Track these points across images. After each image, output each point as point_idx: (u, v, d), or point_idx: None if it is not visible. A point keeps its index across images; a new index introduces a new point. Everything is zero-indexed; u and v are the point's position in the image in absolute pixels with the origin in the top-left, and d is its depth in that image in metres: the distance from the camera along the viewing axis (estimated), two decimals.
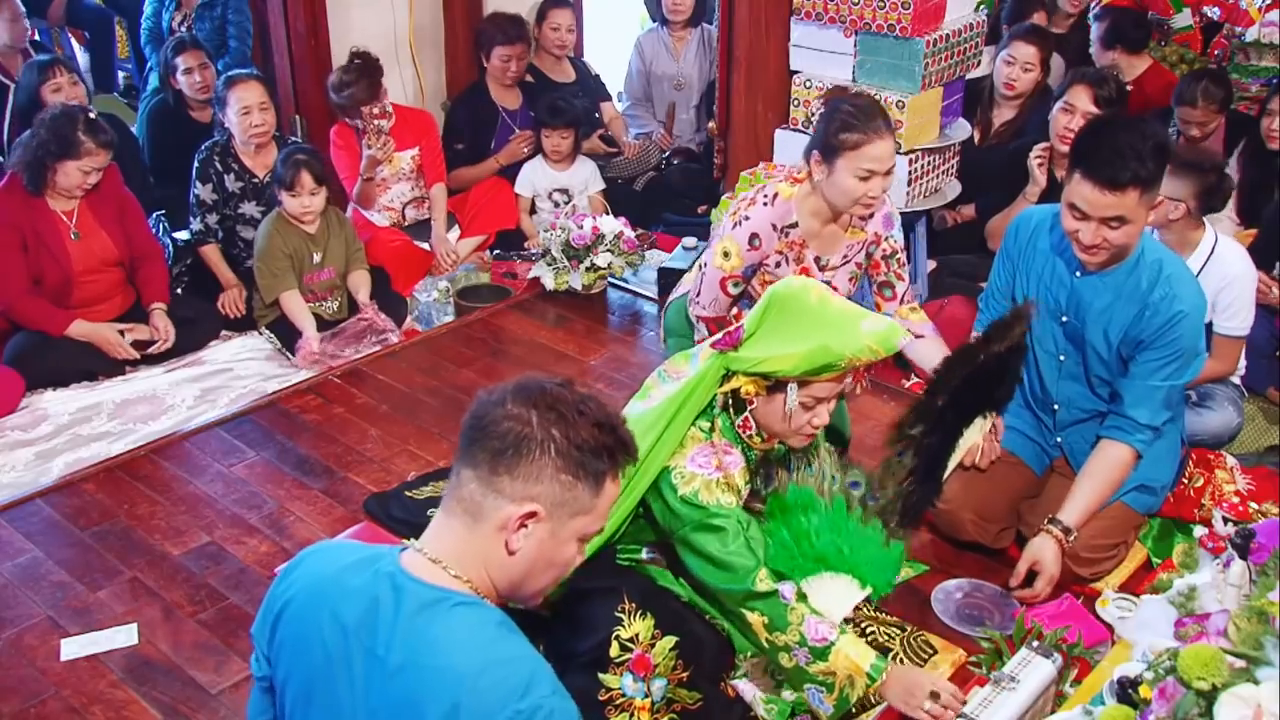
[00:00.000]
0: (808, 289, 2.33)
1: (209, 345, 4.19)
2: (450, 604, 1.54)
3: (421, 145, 4.81)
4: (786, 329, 2.30)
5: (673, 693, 2.35)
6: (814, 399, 2.34)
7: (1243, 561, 2.10)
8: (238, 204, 4.34)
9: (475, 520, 1.57)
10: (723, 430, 2.41)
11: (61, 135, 3.73)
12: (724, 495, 2.34)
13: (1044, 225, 2.90)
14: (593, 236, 4.44)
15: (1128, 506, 2.89)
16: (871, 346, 2.25)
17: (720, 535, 2.31)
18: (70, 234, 3.89)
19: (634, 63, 5.74)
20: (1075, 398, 2.92)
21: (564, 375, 3.92)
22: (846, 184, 2.90)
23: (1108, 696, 2.03)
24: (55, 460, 3.54)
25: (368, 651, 1.55)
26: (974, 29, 4.22)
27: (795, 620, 2.29)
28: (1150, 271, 2.71)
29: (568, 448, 1.55)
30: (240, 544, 3.14)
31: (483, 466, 1.56)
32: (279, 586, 1.67)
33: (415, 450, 3.55)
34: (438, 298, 4.52)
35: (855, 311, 2.33)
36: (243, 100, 4.21)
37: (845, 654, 2.29)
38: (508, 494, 1.55)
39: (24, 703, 2.61)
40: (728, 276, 3.06)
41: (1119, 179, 2.52)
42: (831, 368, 2.27)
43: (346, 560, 1.63)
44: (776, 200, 3.04)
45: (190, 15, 5.21)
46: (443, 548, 1.59)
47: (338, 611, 1.58)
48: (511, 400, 1.57)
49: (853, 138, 2.86)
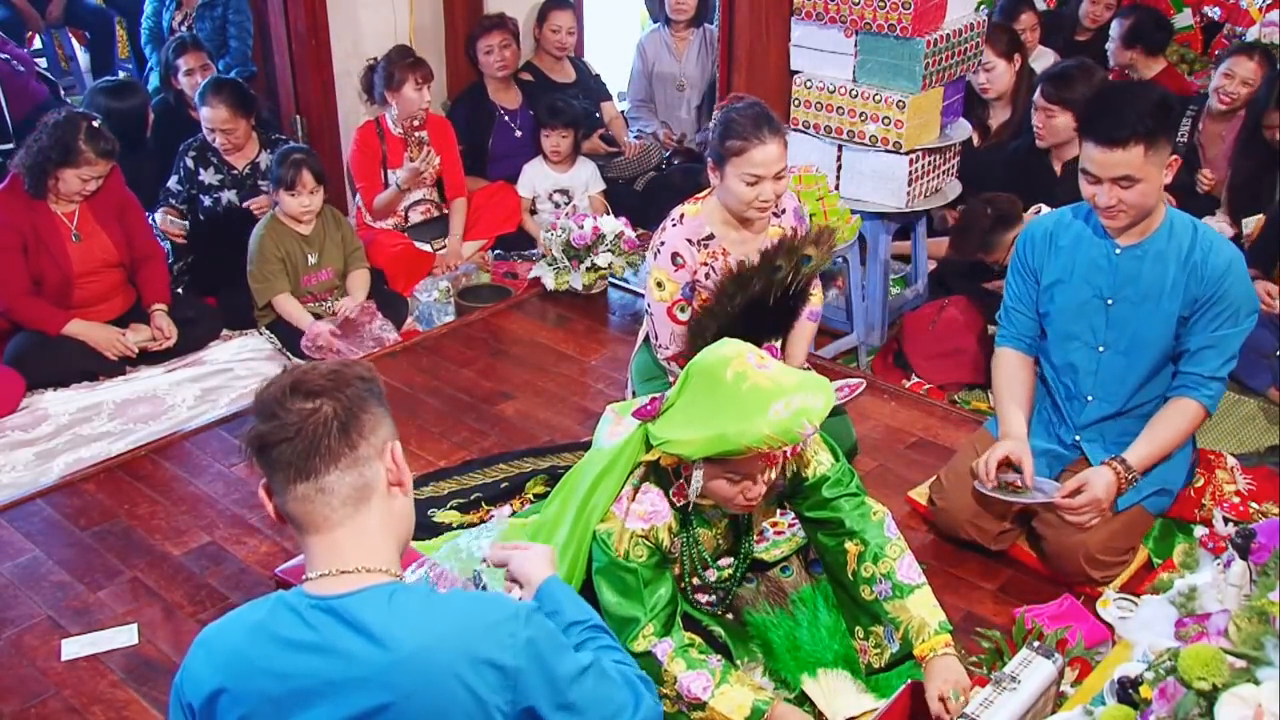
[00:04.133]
0: (725, 363, 2.19)
1: (209, 345, 4.19)
2: (383, 598, 1.54)
3: (443, 155, 4.84)
4: (696, 407, 2.20)
5: None
6: (739, 475, 2.23)
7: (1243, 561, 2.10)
8: (217, 193, 4.43)
9: (364, 500, 1.57)
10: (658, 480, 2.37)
11: (62, 143, 3.74)
12: (635, 548, 2.29)
13: (1061, 224, 2.91)
14: (593, 237, 4.44)
15: (1145, 510, 2.89)
16: (771, 436, 2.11)
17: (614, 585, 2.28)
18: (71, 235, 3.89)
19: (636, 64, 5.74)
20: (1112, 391, 2.89)
21: (564, 375, 3.97)
22: (736, 189, 2.99)
23: (1108, 696, 2.02)
24: (55, 460, 3.54)
25: (332, 685, 1.51)
26: (974, 29, 4.22)
27: (669, 680, 2.24)
28: (1186, 231, 2.76)
29: (374, 387, 1.63)
30: (241, 544, 3.14)
31: (335, 460, 1.54)
32: (189, 692, 1.62)
33: (415, 450, 3.55)
34: (438, 298, 4.52)
35: (770, 391, 2.14)
36: (208, 120, 4.35)
37: (725, 699, 2.22)
38: (375, 451, 1.58)
39: (24, 703, 2.61)
40: (671, 304, 3.11)
41: (1119, 135, 2.58)
42: (735, 453, 2.16)
43: (252, 620, 1.58)
44: (684, 219, 3.13)
45: (190, 15, 5.21)
46: (344, 554, 1.57)
47: (278, 669, 1.53)
48: (289, 408, 1.54)
49: (737, 144, 2.94)
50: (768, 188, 2.97)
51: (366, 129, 4.80)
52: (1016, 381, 3.00)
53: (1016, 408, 2.97)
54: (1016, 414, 2.95)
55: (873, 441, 3.54)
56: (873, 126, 4.10)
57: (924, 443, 3.60)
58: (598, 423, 2.63)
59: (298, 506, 1.56)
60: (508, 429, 3.67)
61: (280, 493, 1.56)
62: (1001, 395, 3.01)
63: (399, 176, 4.71)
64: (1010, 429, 2.94)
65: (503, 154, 5.20)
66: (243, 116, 4.35)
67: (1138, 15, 5.12)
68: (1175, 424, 2.80)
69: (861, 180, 4.21)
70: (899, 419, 3.72)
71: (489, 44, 5.08)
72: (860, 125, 4.13)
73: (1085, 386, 2.92)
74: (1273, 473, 3.20)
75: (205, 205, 4.43)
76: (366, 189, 4.80)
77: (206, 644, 1.63)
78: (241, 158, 4.45)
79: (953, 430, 3.64)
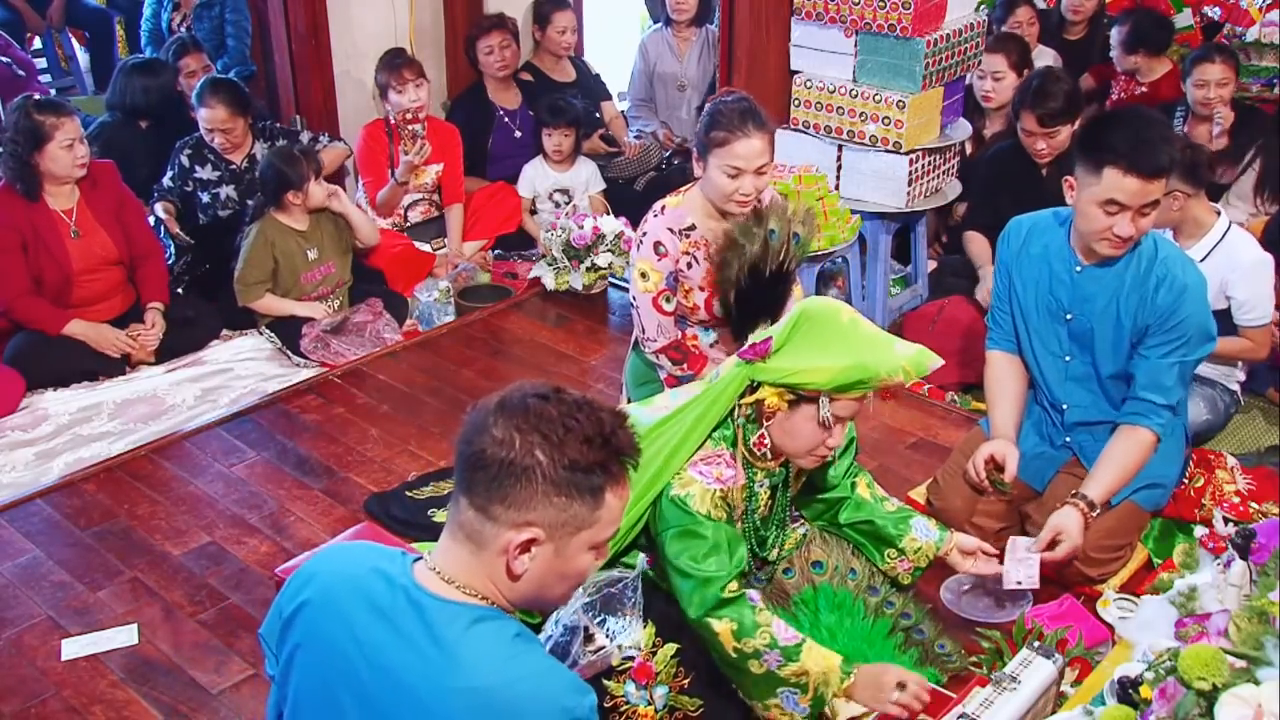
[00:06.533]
0: (839, 308, 2.36)
1: (209, 345, 4.18)
2: (467, 620, 1.52)
3: (445, 162, 4.84)
4: (819, 343, 2.30)
5: (674, 700, 2.35)
6: (834, 418, 2.34)
7: (1243, 561, 2.10)
8: (215, 189, 4.44)
9: (478, 547, 1.54)
10: (737, 440, 2.42)
11: (24, 129, 3.72)
12: (715, 509, 2.34)
13: (1037, 229, 2.92)
14: (593, 236, 4.44)
15: (1136, 505, 2.89)
16: (905, 368, 2.27)
17: (699, 544, 2.30)
18: (70, 232, 3.89)
19: (637, 63, 5.74)
20: (1084, 402, 2.91)
21: (564, 375, 3.97)
22: (718, 181, 2.99)
23: (1108, 697, 2.02)
24: (55, 460, 3.54)
25: (382, 669, 1.53)
26: (974, 29, 4.22)
27: (764, 622, 2.29)
28: (1147, 255, 2.76)
29: (555, 471, 1.49)
30: (240, 544, 3.14)
31: (477, 494, 1.52)
32: (291, 589, 1.66)
33: (416, 450, 3.55)
34: (438, 298, 4.52)
35: (885, 334, 2.37)
36: (206, 120, 4.36)
37: (817, 652, 2.30)
38: (504, 521, 1.51)
39: (24, 703, 2.61)
40: (656, 294, 3.12)
41: (1160, 165, 2.60)
42: (862, 385, 2.28)
43: (361, 568, 1.61)
44: (665, 209, 3.14)
45: (188, 15, 5.21)
46: (451, 568, 1.57)
47: (352, 623, 1.56)
48: (496, 422, 1.52)
49: (720, 135, 2.95)
50: (748, 181, 2.98)
51: (375, 125, 4.84)
52: (1006, 383, 3.00)
53: (1004, 409, 2.98)
54: (1004, 415, 2.97)
55: (873, 441, 3.54)
56: (873, 126, 4.10)
57: (924, 443, 3.60)
58: None
59: (453, 495, 1.58)
60: None
61: None
62: (991, 399, 3.03)
63: (397, 171, 4.72)
64: (997, 430, 2.96)
65: (503, 154, 5.20)
66: (240, 116, 4.36)
67: (1135, 18, 5.10)
68: (1130, 453, 2.78)
69: (861, 180, 4.21)
70: (899, 419, 3.72)
71: (489, 44, 5.09)
72: (860, 125, 4.13)
73: (1059, 394, 2.94)
74: (1273, 473, 3.20)
75: (203, 202, 4.43)
76: (371, 184, 4.81)
77: (330, 558, 1.66)
78: (239, 154, 4.46)
79: (953, 430, 3.64)
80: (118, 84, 4.65)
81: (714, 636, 2.30)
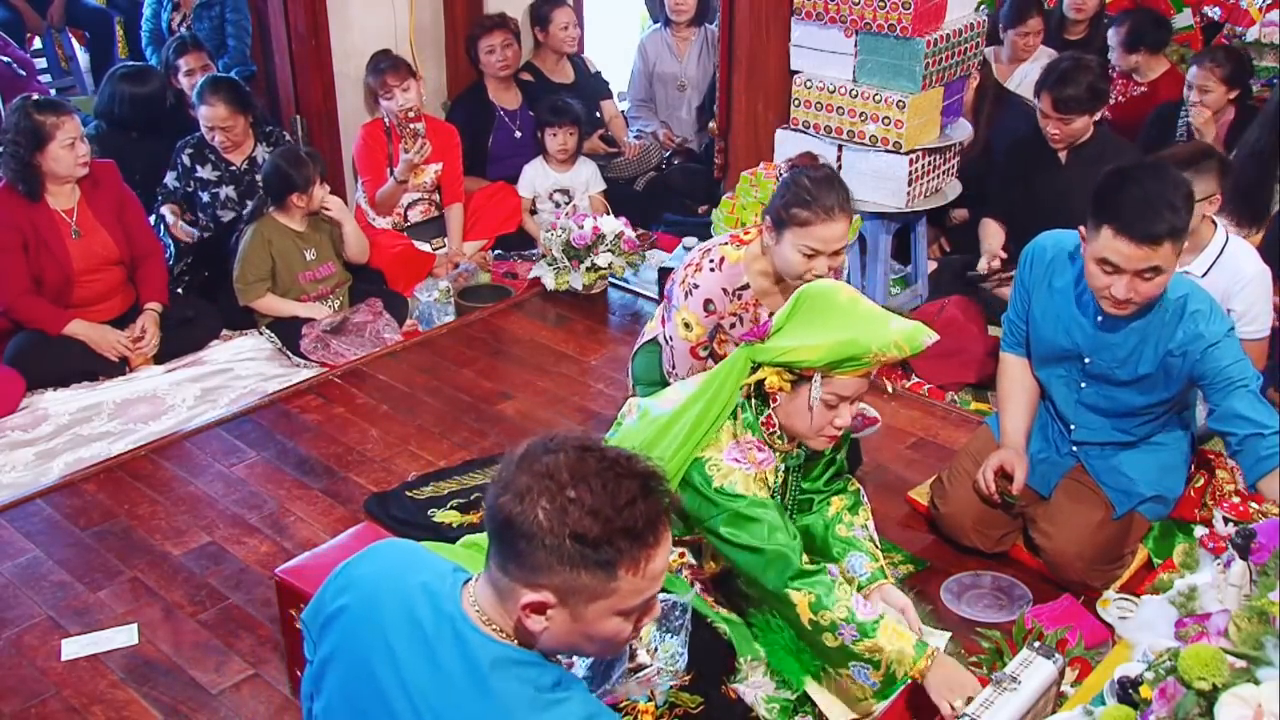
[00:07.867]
0: (839, 288, 2.38)
1: (209, 345, 4.19)
2: (507, 662, 1.49)
3: (444, 161, 4.84)
4: (816, 323, 2.33)
5: (675, 697, 2.35)
6: (837, 397, 2.35)
7: (1243, 561, 2.10)
8: (215, 189, 4.43)
9: (503, 597, 1.50)
10: (748, 424, 2.44)
11: (25, 129, 3.72)
12: (760, 490, 2.39)
13: (1061, 258, 2.81)
14: (593, 236, 4.44)
15: (1141, 516, 2.89)
16: (898, 343, 2.28)
17: (760, 524, 2.35)
18: (71, 232, 3.89)
19: (637, 63, 5.74)
20: (1093, 425, 2.87)
21: (564, 375, 3.97)
22: (791, 257, 2.86)
23: (1108, 697, 2.02)
24: (55, 460, 3.54)
25: (413, 702, 1.50)
26: (974, 29, 4.22)
27: (843, 596, 2.32)
28: (1174, 309, 2.64)
29: (562, 542, 1.41)
30: (240, 544, 3.14)
31: (494, 544, 1.48)
32: (336, 584, 1.63)
33: (416, 450, 3.55)
34: (438, 298, 4.52)
35: (883, 311, 2.38)
36: (206, 119, 4.35)
37: (893, 630, 2.32)
38: (518, 580, 1.46)
39: (24, 703, 2.61)
40: (695, 345, 3.09)
41: (1156, 233, 2.44)
42: (857, 361, 2.29)
43: (410, 582, 1.57)
44: (723, 264, 3.02)
45: (188, 15, 5.21)
46: (488, 610, 1.52)
47: (393, 645, 1.53)
48: (516, 478, 1.45)
49: (802, 214, 2.81)
50: (822, 263, 2.86)
51: (374, 124, 4.85)
52: (1018, 387, 2.98)
53: (1016, 415, 2.96)
54: (1015, 422, 2.95)
55: (873, 441, 3.54)
56: (873, 126, 4.10)
57: (924, 443, 3.61)
58: (611, 420, 2.63)
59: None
60: (508, 429, 3.67)
61: None
62: (1002, 402, 3.02)
63: (397, 170, 4.72)
64: (1007, 438, 2.95)
65: (503, 154, 5.20)
66: (241, 114, 4.36)
67: (1134, 18, 5.10)
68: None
69: (861, 180, 4.20)
70: (899, 419, 3.72)
71: (491, 44, 5.09)
72: (860, 125, 4.13)
73: (1068, 415, 2.92)
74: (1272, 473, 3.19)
75: (204, 202, 4.43)
76: (370, 183, 4.82)
77: (380, 559, 1.64)
78: (239, 154, 4.45)
79: (953, 430, 3.64)
80: (105, 91, 4.62)
81: (791, 607, 2.34)
